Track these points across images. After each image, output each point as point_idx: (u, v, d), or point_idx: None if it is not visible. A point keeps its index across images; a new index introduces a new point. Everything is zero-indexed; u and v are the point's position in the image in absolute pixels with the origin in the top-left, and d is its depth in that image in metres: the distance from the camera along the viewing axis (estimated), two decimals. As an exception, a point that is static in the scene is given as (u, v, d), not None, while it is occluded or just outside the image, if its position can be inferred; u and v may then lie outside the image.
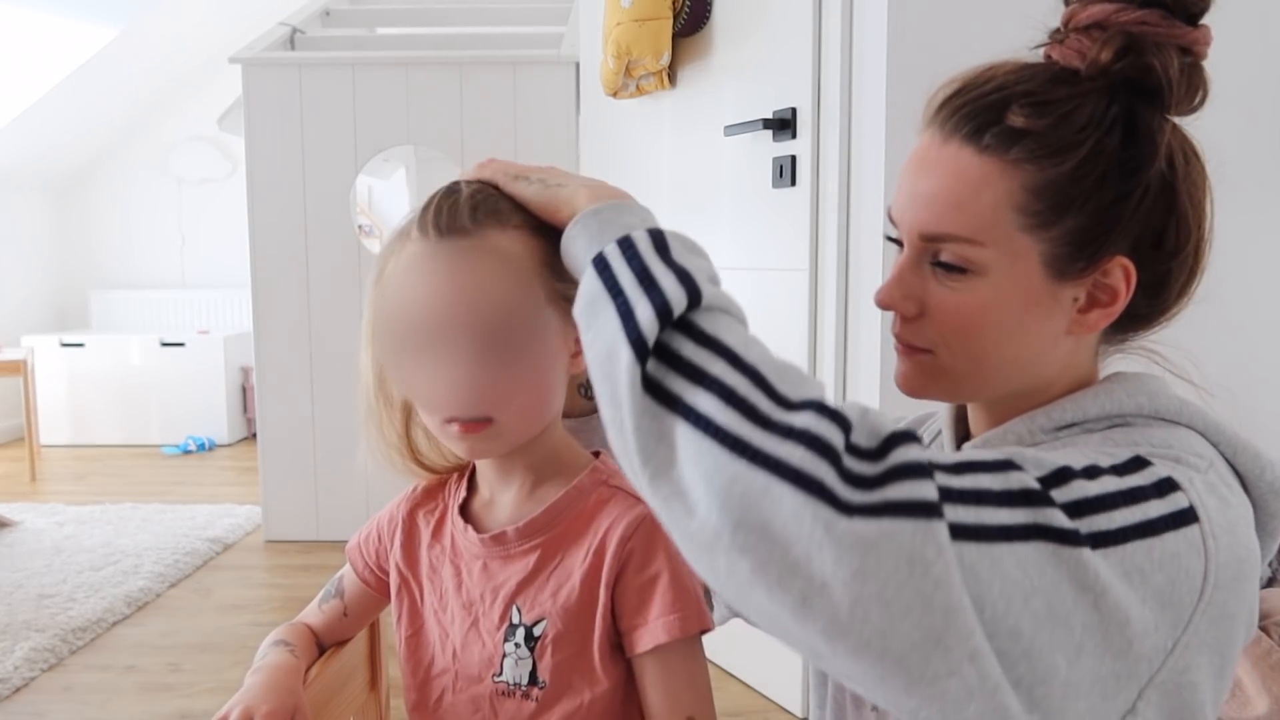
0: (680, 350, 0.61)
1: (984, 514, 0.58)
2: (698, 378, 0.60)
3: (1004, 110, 0.70)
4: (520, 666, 0.80)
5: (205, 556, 3.33)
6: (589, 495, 0.81)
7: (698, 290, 0.63)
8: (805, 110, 1.98)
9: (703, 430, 0.58)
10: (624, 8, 2.30)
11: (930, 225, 0.73)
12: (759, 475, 0.56)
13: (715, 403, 0.59)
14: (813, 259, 2.00)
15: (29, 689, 2.38)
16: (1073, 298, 0.73)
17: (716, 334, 0.62)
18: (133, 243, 5.86)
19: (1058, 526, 0.59)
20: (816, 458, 0.56)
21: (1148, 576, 0.61)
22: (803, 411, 0.58)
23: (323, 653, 0.93)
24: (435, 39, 4.01)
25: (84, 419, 5.22)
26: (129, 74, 5.15)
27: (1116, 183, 0.70)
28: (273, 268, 3.47)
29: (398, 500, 0.91)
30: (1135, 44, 0.69)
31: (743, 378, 0.60)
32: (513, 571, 0.81)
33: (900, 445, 0.58)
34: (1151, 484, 0.64)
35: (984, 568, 0.57)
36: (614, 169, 2.79)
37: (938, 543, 0.55)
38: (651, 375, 0.61)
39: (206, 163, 5.77)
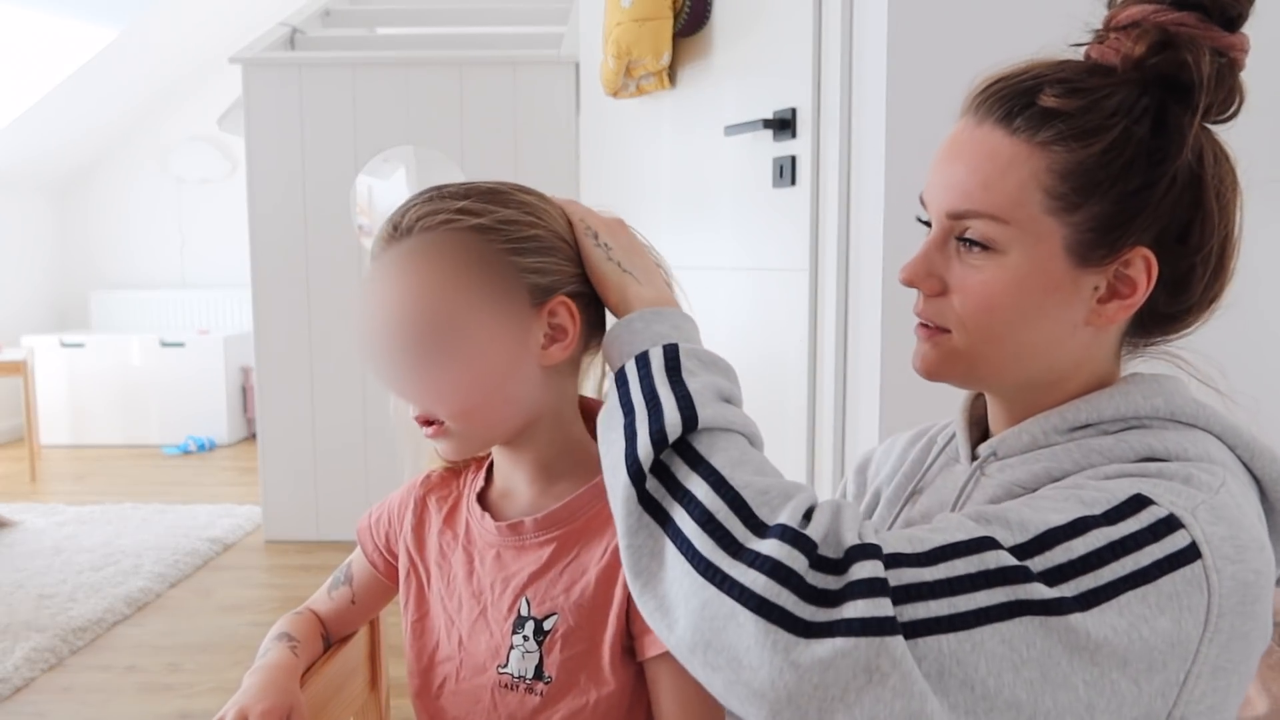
0: (675, 471, 0.67)
1: (959, 602, 0.61)
2: (685, 499, 0.65)
3: (1036, 94, 0.72)
4: (527, 660, 0.79)
5: (205, 557, 3.33)
6: None
7: (694, 415, 0.68)
8: (805, 110, 1.98)
9: (683, 552, 0.64)
10: (624, 8, 2.30)
11: (957, 203, 0.74)
12: (725, 601, 0.61)
13: (694, 528, 0.64)
14: (813, 259, 2.00)
15: (29, 689, 2.38)
16: (1093, 286, 0.73)
17: (708, 456, 0.67)
18: (133, 243, 5.86)
19: (1039, 599, 0.61)
20: (777, 585, 0.60)
21: (1150, 621, 0.62)
22: (769, 539, 0.63)
23: (327, 645, 0.93)
24: (435, 39, 4.01)
25: (84, 419, 5.22)
26: (129, 74, 5.15)
27: (1143, 171, 0.70)
28: (273, 268, 3.47)
29: (410, 484, 0.91)
30: (1170, 40, 0.70)
31: (722, 503, 0.65)
32: (526, 563, 0.81)
33: (858, 561, 0.62)
34: (1147, 527, 0.64)
35: (966, 653, 0.59)
36: (614, 169, 2.80)
37: (891, 656, 0.58)
38: (649, 492, 0.66)
39: (206, 163, 5.77)
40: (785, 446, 2.03)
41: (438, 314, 0.75)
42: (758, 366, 2.12)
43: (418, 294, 0.75)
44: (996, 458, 0.78)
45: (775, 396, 2.07)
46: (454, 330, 0.75)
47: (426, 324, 0.75)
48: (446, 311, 0.75)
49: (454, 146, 3.45)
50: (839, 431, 1.93)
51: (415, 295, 0.75)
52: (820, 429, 1.99)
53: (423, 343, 0.75)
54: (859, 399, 1.87)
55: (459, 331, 0.75)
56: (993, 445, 0.79)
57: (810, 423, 2.01)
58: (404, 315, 0.75)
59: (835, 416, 1.96)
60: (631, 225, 0.85)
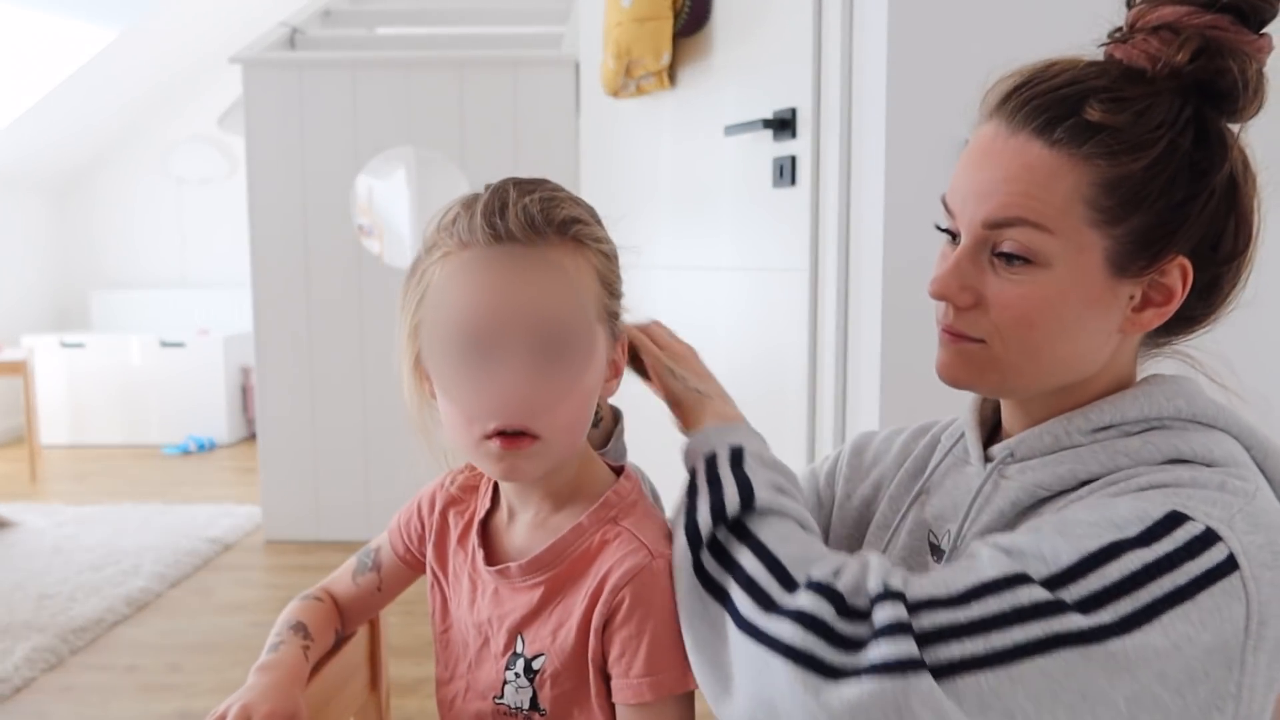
0: (727, 546, 0.72)
1: (994, 639, 0.62)
2: (733, 569, 0.71)
3: (1078, 104, 0.70)
4: (521, 694, 0.80)
5: (205, 557, 3.33)
6: (593, 534, 0.79)
7: (752, 496, 0.74)
8: (805, 110, 1.98)
9: (731, 615, 0.69)
10: (624, 7, 2.30)
11: (996, 212, 0.72)
12: (763, 653, 0.65)
13: (740, 593, 0.69)
14: (813, 259, 2.00)
15: (29, 689, 2.38)
16: (1129, 295, 0.73)
17: (756, 532, 0.72)
18: (133, 242, 5.86)
19: (1075, 630, 0.61)
20: (807, 633, 0.64)
21: (1194, 639, 0.62)
22: (802, 593, 0.67)
23: (338, 636, 0.93)
24: (435, 39, 4.01)
25: (84, 419, 5.22)
26: (129, 74, 5.15)
27: (1186, 184, 0.70)
28: (273, 268, 3.47)
29: (434, 487, 0.90)
30: (1210, 47, 0.69)
31: (764, 569, 0.70)
32: (519, 604, 0.80)
33: (880, 605, 0.64)
34: (1183, 546, 0.64)
35: (1005, 689, 0.61)
36: (614, 169, 2.79)
37: (920, 694, 0.60)
38: (704, 565, 0.72)
39: (206, 163, 5.76)
40: (785, 447, 2.03)
41: (581, 323, 0.75)
42: (757, 366, 2.12)
43: (572, 298, 0.74)
44: (1014, 459, 0.77)
45: (775, 396, 2.07)
46: (582, 343, 0.75)
47: (571, 331, 0.74)
48: (588, 323, 0.75)
49: (454, 146, 3.45)
50: (839, 432, 1.93)
51: (569, 298, 0.74)
52: (820, 429, 1.99)
53: (559, 352, 0.73)
54: (859, 399, 1.87)
55: (590, 346, 0.76)
56: (1009, 446, 0.78)
57: (810, 423, 2.01)
58: (554, 316, 0.73)
59: (835, 416, 1.96)
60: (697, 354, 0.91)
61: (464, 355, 0.73)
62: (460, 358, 0.73)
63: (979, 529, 0.77)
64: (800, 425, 2.01)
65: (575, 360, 0.74)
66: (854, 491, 0.95)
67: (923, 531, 0.85)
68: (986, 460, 0.81)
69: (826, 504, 0.97)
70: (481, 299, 0.73)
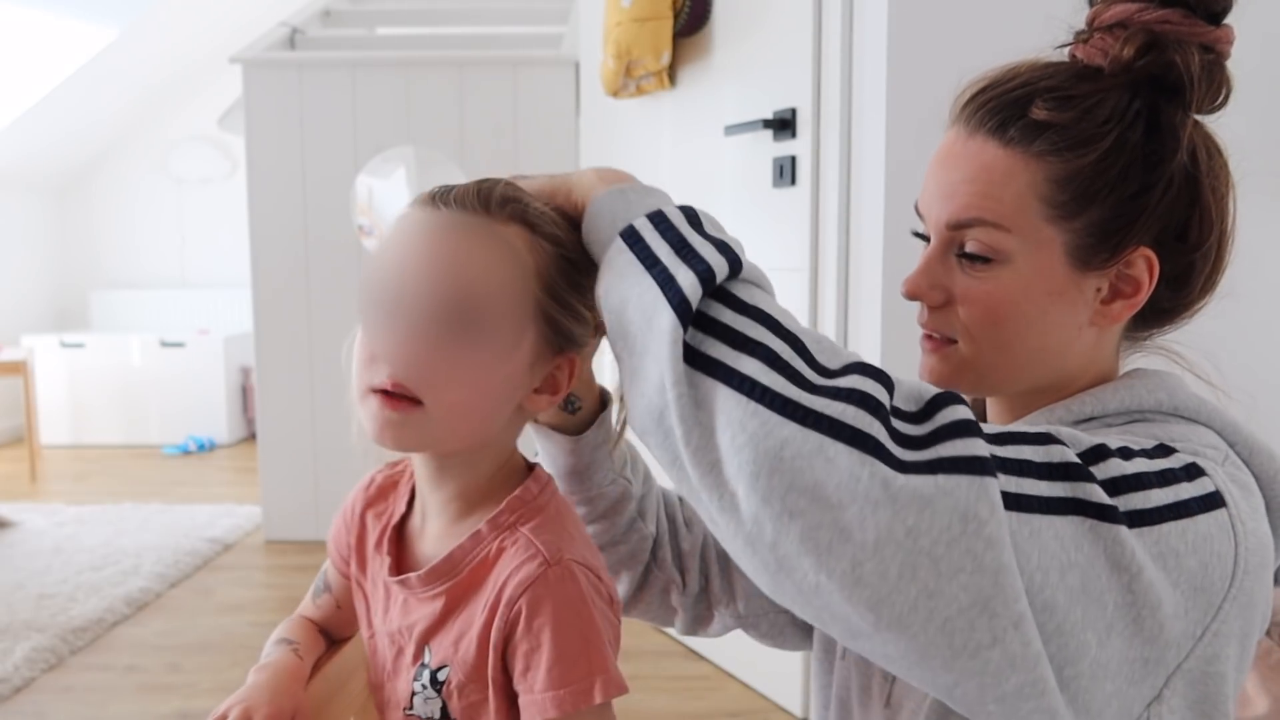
0: (720, 317, 0.61)
1: (1025, 484, 0.59)
2: (741, 343, 0.60)
3: (1028, 105, 0.72)
4: (430, 704, 0.77)
5: (205, 556, 3.33)
6: (491, 541, 0.75)
7: (738, 259, 0.63)
8: (805, 110, 1.99)
9: (747, 394, 0.57)
10: (624, 7, 2.30)
11: (958, 213, 0.74)
12: (811, 436, 0.55)
13: (760, 366, 0.58)
14: (813, 259, 2.00)
15: (29, 689, 2.38)
16: (1096, 288, 0.74)
17: (756, 303, 0.62)
18: (133, 243, 5.86)
19: (1097, 502, 0.60)
20: (869, 415, 0.56)
21: (1181, 559, 0.62)
22: (848, 374, 0.59)
23: (328, 644, 0.93)
24: (435, 39, 4.01)
25: (84, 419, 5.22)
26: (129, 74, 5.15)
27: (1139, 175, 0.71)
28: (273, 268, 3.47)
29: (356, 491, 0.88)
30: (1157, 41, 0.71)
31: (785, 344, 0.60)
32: (423, 615, 0.77)
33: (947, 405, 0.59)
34: (1181, 467, 0.65)
35: (1023, 537, 0.57)
36: (614, 169, 2.79)
37: (991, 500, 0.56)
38: (690, 343, 0.60)
39: (206, 163, 5.77)
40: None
41: (493, 302, 0.70)
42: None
43: (494, 273, 0.70)
44: None
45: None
46: (496, 326, 0.71)
47: (477, 306, 0.70)
48: (507, 306, 0.71)
49: (454, 146, 3.45)
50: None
51: (490, 273, 0.70)
52: (820, 429, 2.00)
53: (465, 322, 0.70)
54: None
55: (498, 330, 0.71)
56: None
57: (810, 423, 2.01)
58: (467, 286, 0.70)
59: (835, 416, 1.95)
60: None
61: (378, 303, 0.71)
62: (375, 304, 0.71)
63: None
64: (800, 425, 2.02)
65: (485, 342, 0.70)
66: None
67: None
68: None
69: None
70: (406, 253, 0.71)
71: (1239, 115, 0.76)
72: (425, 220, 0.72)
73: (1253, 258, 0.85)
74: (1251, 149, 0.80)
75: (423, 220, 0.72)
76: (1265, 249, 1.84)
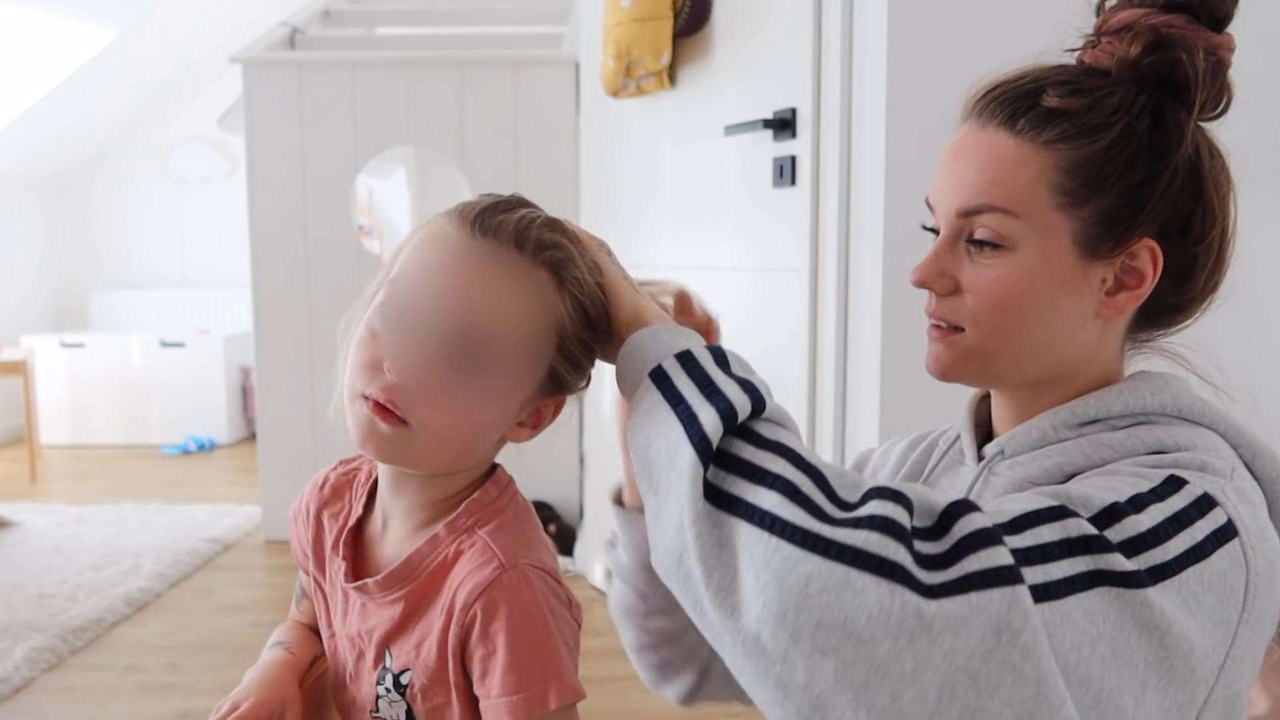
0: (740, 454, 0.61)
1: (1050, 570, 0.59)
2: (760, 477, 0.60)
3: (1039, 95, 0.74)
4: (394, 708, 0.77)
5: (205, 556, 3.33)
6: (448, 545, 0.75)
7: (761, 398, 0.64)
8: (805, 110, 1.99)
9: (768, 529, 0.57)
10: (624, 7, 2.30)
11: (967, 200, 0.75)
12: (836, 568, 0.55)
13: (780, 499, 0.58)
14: (813, 259, 2.00)
15: (29, 689, 2.38)
16: (1101, 279, 0.75)
17: (777, 438, 0.62)
18: (133, 243, 5.86)
19: (1120, 570, 0.60)
20: (894, 541, 0.55)
21: (1201, 600, 0.62)
22: (868, 501, 0.58)
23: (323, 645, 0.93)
24: (435, 39, 4.01)
25: (84, 419, 5.22)
26: (129, 74, 5.15)
27: (1145, 165, 0.72)
28: (273, 268, 3.47)
29: (309, 490, 0.88)
30: (1163, 41, 0.72)
31: (805, 476, 0.59)
32: (382, 619, 0.77)
33: (962, 515, 0.58)
34: (1192, 503, 0.65)
35: (1056, 624, 0.57)
36: (614, 169, 2.79)
37: (1024, 609, 0.55)
38: (711, 481, 0.60)
39: (206, 163, 5.77)
40: (785, 446, 2.03)
41: (505, 345, 0.71)
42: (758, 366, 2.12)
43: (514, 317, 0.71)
44: (1004, 456, 0.79)
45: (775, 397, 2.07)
46: (502, 368, 0.71)
47: (488, 345, 0.70)
48: (513, 349, 0.71)
49: (454, 147, 3.45)
50: (839, 432, 1.93)
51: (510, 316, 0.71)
52: (820, 429, 1.99)
53: (473, 357, 0.70)
54: (859, 399, 1.87)
55: (504, 371, 0.71)
56: (1000, 444, 0.79)
57: (810, 423, 2.01)
58: (474, 321, 0.70)
59: (835, 417, 1.96)
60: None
61: (393, 314, 0.72)
62: (389, 314, 0.72)
63: None
64: (800, 426, 2.01)
65: (485, 380, 0.71)
66: None
67: None
68: (980, 460, 0.82)
69: None
70: (434, 275, 0.71)
71: (1239, 117, 0.77)
72: (459, 245, 0.72)
73: (1254, 259, 0.86)
74: (1251, 150, 0.82)
75: (457, 244, 0.72)
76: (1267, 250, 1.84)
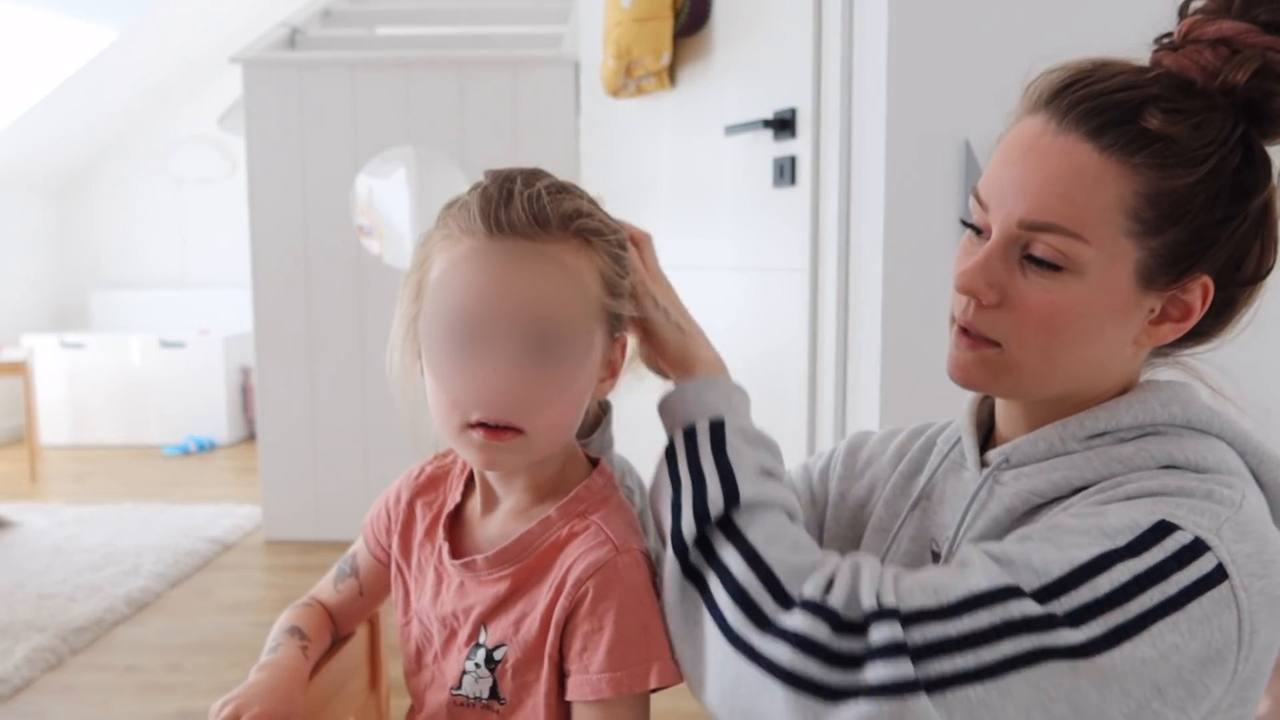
0: (715, 544, 0.71)
1: (984, 654, 0.62)
2: (721, 573, 0.70)
3: (1136, 111, 0.69)
4: (480, 684, 0.79)
5: (205, 557, 3.33)
6: (560, 527, 0.78)
7: (736, 492, 0.72)
8: (805, 110, 1.98)
9: (717, 623, 0.68)
10: (624, 7, 2.30)
11: (1035, 214, 0.70)
12: (756, 675, 0.65)
13: (728, 601, 0.68)
14: (813, 259, 2.00)
15: (29, 689, 2.38)
16: (1150, 309, 0.72)
17: (745, 531, 0.71)
18: (133, 243, 5.86)
19: (1064, 645, 0.61)
20: (803, 656, 0.64)
21: (1182, 648, 0.62)
22: (796, 612, 0.66)
23: (334, 639, 0.93)
24: (435, 39, 4.01)
25: (84, 419, 5.22)
26: (129, 74, 5.15)
27: (1226, 204, 0.69)
28: (273, 268, 3.47)
29: (403, 480, 0.90)
30: (1269, 69, 0.68)
31: (755, 578, 0.68)
32: (484, 596, 0.80)
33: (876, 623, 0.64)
34: (1172, 556, 0.64)
35: (994, 700, 0.61)
36: (614, 169, 2.79)
37: (916, 716, 0.61)
38: (692, 563, 0.71)
39: (206, 163, 5.76)
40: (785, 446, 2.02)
41: (578, 323, 0.74)
42: (758, 366, 2.12)
43: (570, 297, 0.73)
44: (1009, 465, 0.77)
45: (775, 396, 2.07)
46: (574, 340, 0.74)
47: (556, 329, 0.73)
48: (585, 324, 0.74)
49: (454, 146, 3.45)
50: (839, 432, 1.93)
51: (567, 297, 0.73)
52: (820, 429, 1.99)
53: (547, 347, 0.72)
54: (859, 399, 1.87)
55: (575, 344, 0.74)
56: (1005, 452, 0.77)
57: (810, 423, 2.01)
58: (549, 314, 0.72)
59: (835, 417, 1.96)
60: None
61: (456, 344, 0.73)
62: (452, 346, 0.73)
63: (974, 535, 0.77)
64: (800, 425, 2.01)
65: (567, 360, 0.73)
66: (848, 491, 0.94)
67: (925, 539, 0.84)
68: (983, 465, 0.80)
69: (820, 501, 0.96)
70: (479, 291, 0.72)
71: None
72: (489, 251, 0.73)
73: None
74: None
75: (487, 251, 0.73)
76: None
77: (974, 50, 1.65)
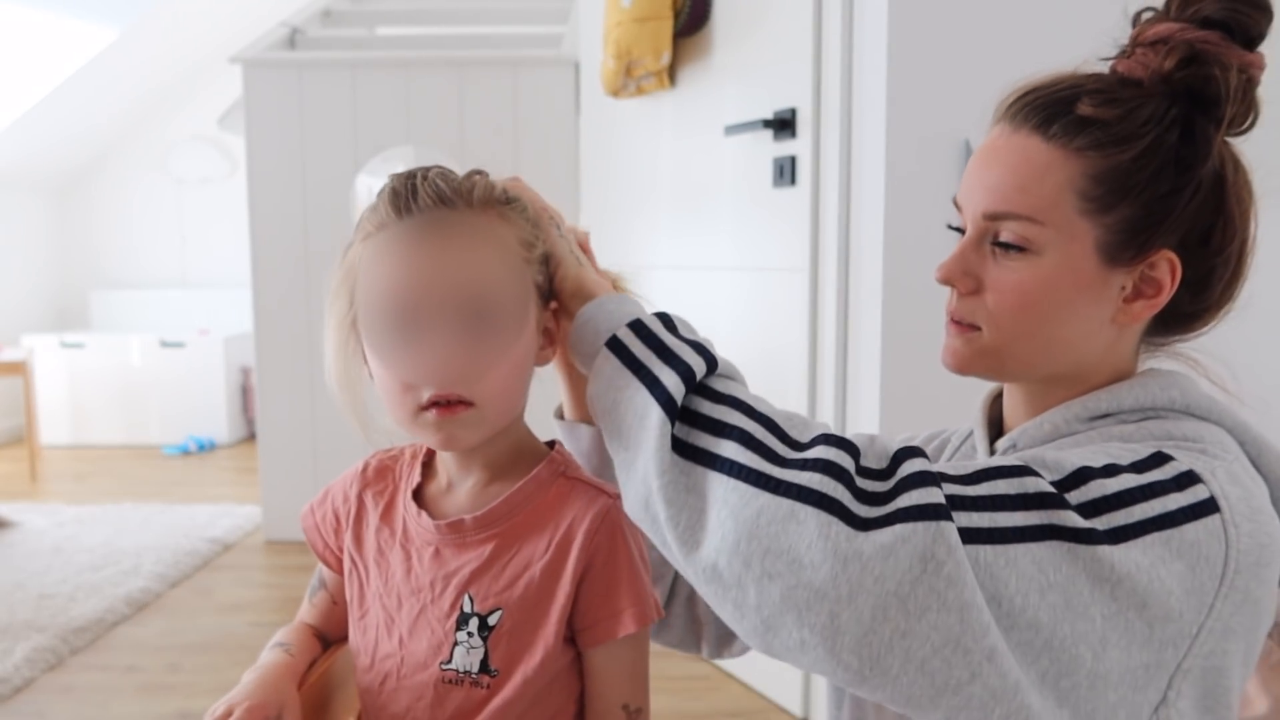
0: (700, 409, 0.69)
1: (998, 518, 0.64)
2: (720, 430, 0.68)
3: (1073, 102, 0.75)
4: (472, 655, 0.80)
5: (205, 557, 3.33)
6: (548, 487, 0.82)
7: (713, 358, 0.72)
8: (805, 110, 1.99)
9: (728, 474, 0.65)
10: (624, 7, 2.30)
11: (995, 204, 0.77)
12: (783, 502, 0.63)
13: (737, 448, 0.66)
14: (813, 259, 2.00)
15: (29, 689, 2.38)
16: (1120, 286, 0.76)
17: (731, 392, 0.70)
18: (133, 242, 5.86)
19: (1071, 526, 0.64)
20: (833, 480, 0.63)
21: (1167, 564, 0.65)
22: (815, 446, 0.66)
23: (324, 646, 0.93)
24: (435, 39, 4.01)
25: (84, 419, 5.22)
26: (129, 74, 5.15)
27: (1171, 177, 0.74)
28: (273, 268, 3.47)
29: (347, 478, 0.92)
30: (1197, 56, 0.74)
31: (758, 425, 0.68)
32: (466, 560, 0.81)
33: (907, 459, 0.66)
34: (1171, 478, 0.68)
35: (999, 566, 0.63)
36: (614, 169, 2.79)
37: (947, 543, 0.61)
38: (677, 436, 0.68)
39: (206, 163, 5.76)
40: (785, 446, 2.03)
41: (505, 289, 0.76)
42: (758, 366, 2.12)
43: (492, 264, 0.76)
44: (1016, 449, 0.80)
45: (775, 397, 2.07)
46: (508, 308, 0.76)
47: (490, 296, 0.75)
48: (513, 289, 0.76)
49: (454, 146, 3.45)
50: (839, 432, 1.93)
51: (489, 265, 0.75)
52: (820, 429, 1.99)
53: (484, 315, 0.75)
54: (859, 399, 1.87)
55: (511, 310, 0.76)
56: (1012, 438, 0.81)
57: (810, 423, 2.01)
58: (475, 283, 0.75)
59: (835, 417, 1.96)
60: None
61: (396, 327, 0.75)
62: (394, 329, 0.75)
63: None
64: (800, 425, 2.01)
65: (506, 328, 0.76)
66: None
67: None
68: (992, 454, 0.84)
69: None
70: (407, 270, 0.75)
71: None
72: (407, 234, 0.76)
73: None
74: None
75: (405, 234, 0.76)
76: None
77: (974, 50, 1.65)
